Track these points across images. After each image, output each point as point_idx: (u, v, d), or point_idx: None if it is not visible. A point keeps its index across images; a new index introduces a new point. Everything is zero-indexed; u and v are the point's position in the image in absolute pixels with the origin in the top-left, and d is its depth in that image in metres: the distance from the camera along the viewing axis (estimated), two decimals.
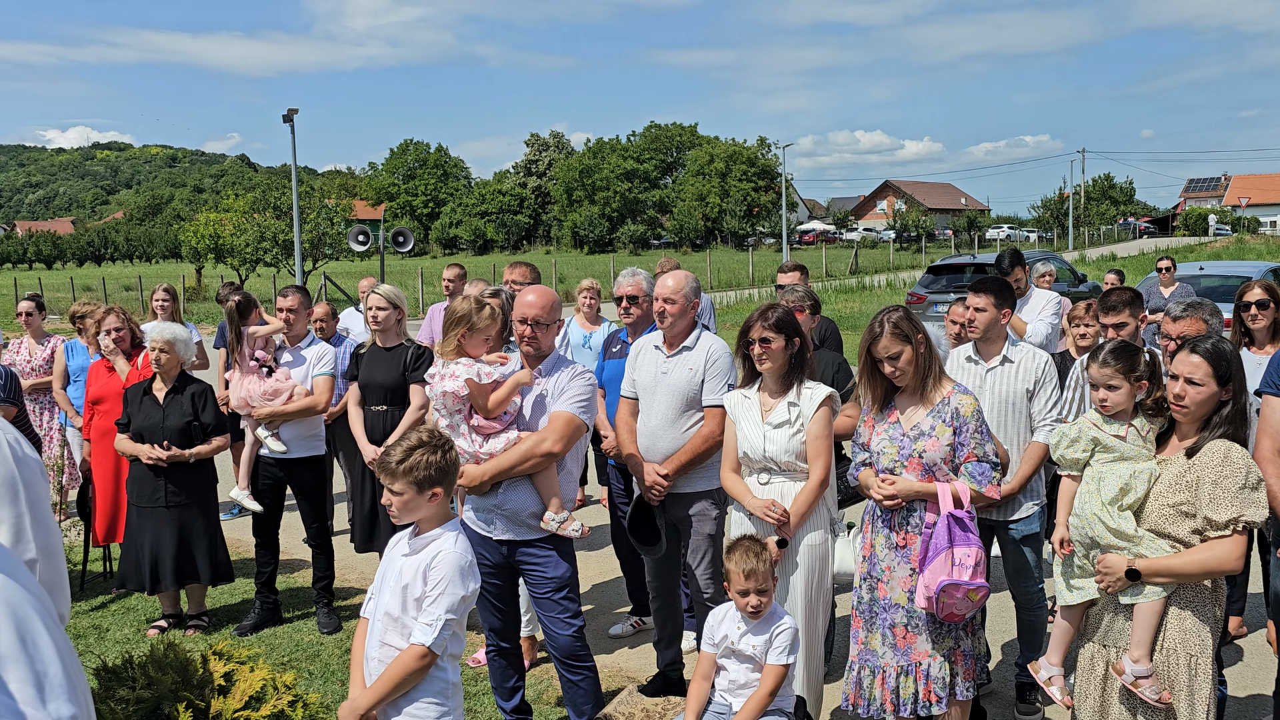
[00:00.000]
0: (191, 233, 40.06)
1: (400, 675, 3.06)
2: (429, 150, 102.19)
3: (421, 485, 3.12)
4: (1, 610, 1.20)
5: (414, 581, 3.12)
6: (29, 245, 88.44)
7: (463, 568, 3.14)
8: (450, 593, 3.08)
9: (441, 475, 3.17)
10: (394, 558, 3.28)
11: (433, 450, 3.16)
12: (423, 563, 3.14)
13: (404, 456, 3.12)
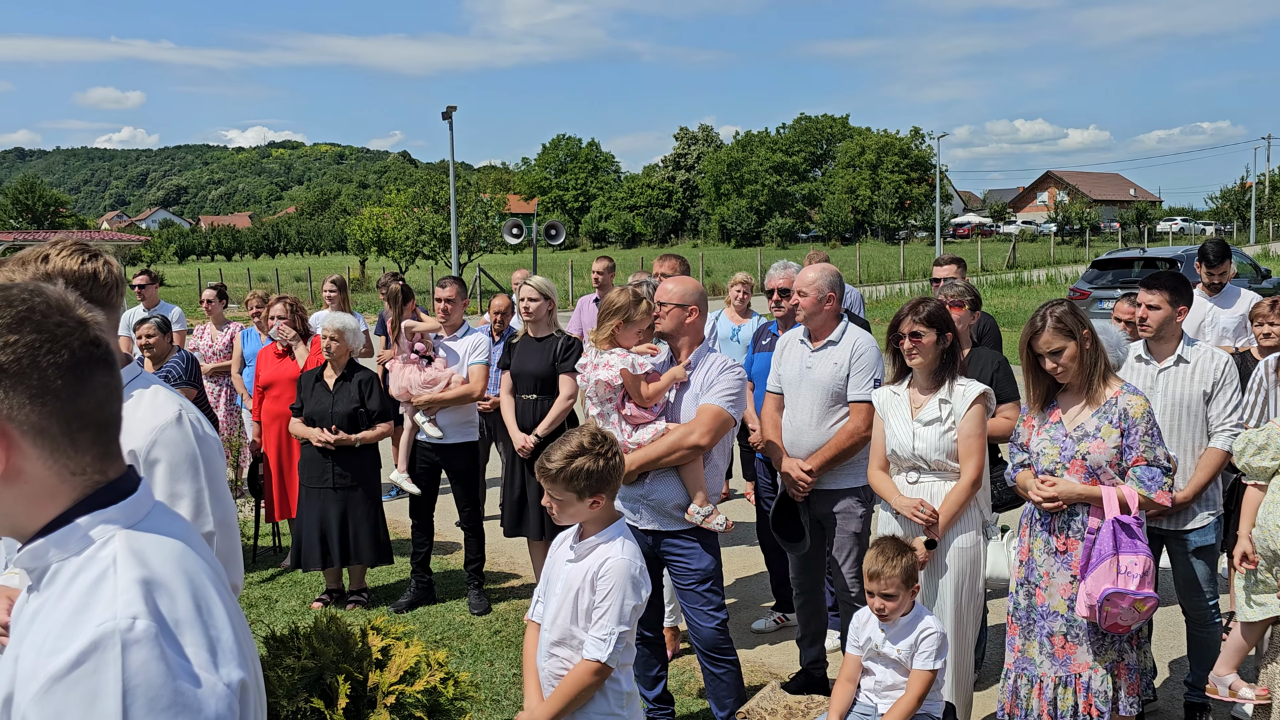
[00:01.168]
0: (356, 226, 41.90)
1: (575, 691, 2.99)
2: (580, 145, 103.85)
3: (581, 493, 2.99)
4: (180, 579, 1.27)
5: (582, 589, 3.02)
6: (211, 238, 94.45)
7: (633, 575, 3.01)
8: (621, 603, 2.97)
9: (602, 483, 3.02)
10: (558, 560, 3.19)
11: (594, 458, 3.00)
12: (590, 570, 3.03)
13: (564, 463, 2.99)
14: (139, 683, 1.13)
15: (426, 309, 6.52)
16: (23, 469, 1.24)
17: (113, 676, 1.13)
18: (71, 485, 1.27)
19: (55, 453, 1.25)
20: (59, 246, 2.12)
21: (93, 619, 1.16)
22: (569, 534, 3.20)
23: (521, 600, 6.34)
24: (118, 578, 1.21)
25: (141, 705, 1.13)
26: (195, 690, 1.18)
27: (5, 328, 1.22)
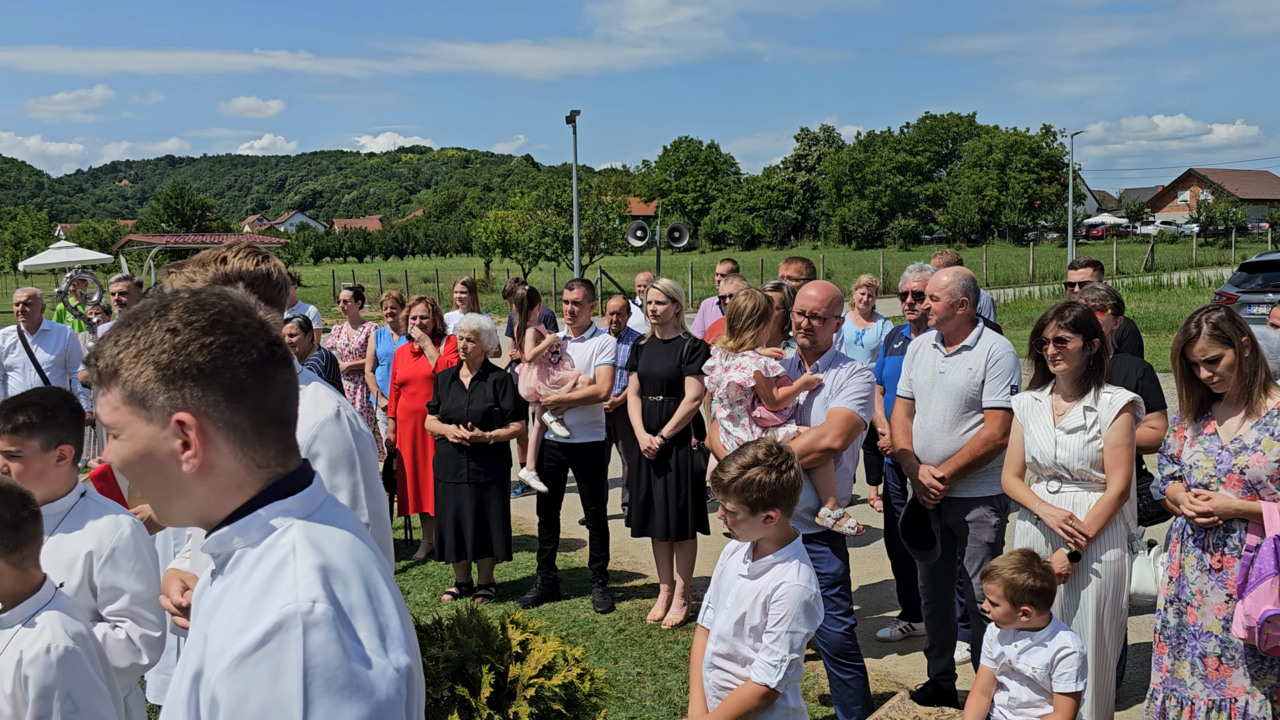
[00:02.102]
0: (482, 229, 42.90)
1: (740, 710, 2.94)
2: (700, 147, 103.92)
3: (754, 506, 2.91)
4: (353, 568, 1.34)
5: (752, 610, 2.96)
6: (344, 241, 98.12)
7: (808, 602, 2.94)
8: (795, 630, 2.91)
9: (776, 497, 2.93)
10: (729, 571, 3.13)
11: (768, 470, 2.92)
12: (763, 591, 2.96)
13: (738, 474, 2.92)
14: (318, 662, 1.20)
15: (554, 311, 6.63)
16: (215, 462, 1.32)
17: (295, 656, 1.19)
18: (256, 477, 1.35)
19: (244, 447, 1.33)
20: (234, 249, 2.25)
21: (276, 601, 1.24)
22: (741, 545, 3.14)
23: (644, 600, 6.39)
24: (297, 564, 1.28)
25: (320, 684, 1.19)
26: (367, 672, 1.23)
27: (201, 330, 1.31)
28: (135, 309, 1.36)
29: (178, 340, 1.30)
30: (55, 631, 2.28)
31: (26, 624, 2.30)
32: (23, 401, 2.73)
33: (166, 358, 1.29)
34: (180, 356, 1.29)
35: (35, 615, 2.32)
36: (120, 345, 1.32)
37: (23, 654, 2.26)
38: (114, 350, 1.32)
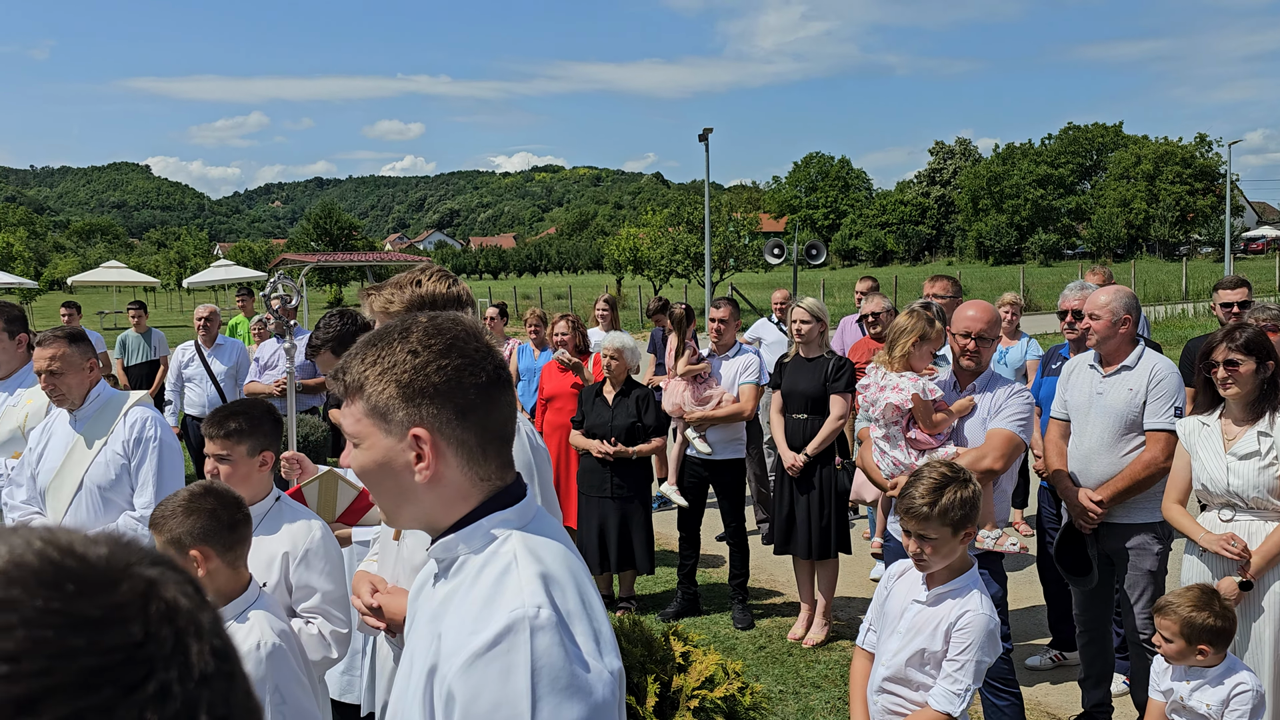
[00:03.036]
0: (614, 246, 43.44)
1: None
2: (831, 162, 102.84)
3: (957, 526, 2.86)
4: (567, 576, 1.44)
5: (931, 638, 2.91)
6: (480, 258, 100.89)
7: (991, 631, 2.88)
8: (978, 660, 2.85)
9: (974, 511, 2.88)
10: (899, 595, 3.10)
11: (961, 485, 2.89)
12: (943, 619, 2.91)
13: (933, 497, 2.86)
14: (544, 664, 1.29)
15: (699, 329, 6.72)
16: (444, 474, 1.44)
17: (524, 657, 1.29)
18: (479, 490, 1.47)
19: (470, 461, 1.45)
20: (427, 273, 2.41)
21: (505, 606, 1.34)
22: (907, 565, 3.11)
23: (783, 618, 6.39)
24: (520, 571, 1.39)
25: (546, 683, 1.28)
26: (586, 675, 1.32)
27: (438, 353, 1.44)
28: (378, 330, 1.50)
29: (418, 361, 1.42)
30: (264, 629, 2.48)
31: (239, 620, 2.51)
32: (233, 410, 2.98)
33: (408, 377, 1.42)
34: (419, 376, 1.42)
35: (245, 612, 2.53)
36: (366, 363, 1.45)
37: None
38: (360, 367, 1.45)
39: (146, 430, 3.81)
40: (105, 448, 3.79)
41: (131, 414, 3.85)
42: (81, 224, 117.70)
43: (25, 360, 4.46)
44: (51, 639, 0.52)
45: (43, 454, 3.90)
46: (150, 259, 78.51)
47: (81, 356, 3.82)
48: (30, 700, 0.50)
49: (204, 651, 0.58)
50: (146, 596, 0.57)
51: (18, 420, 4.30)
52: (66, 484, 3.79)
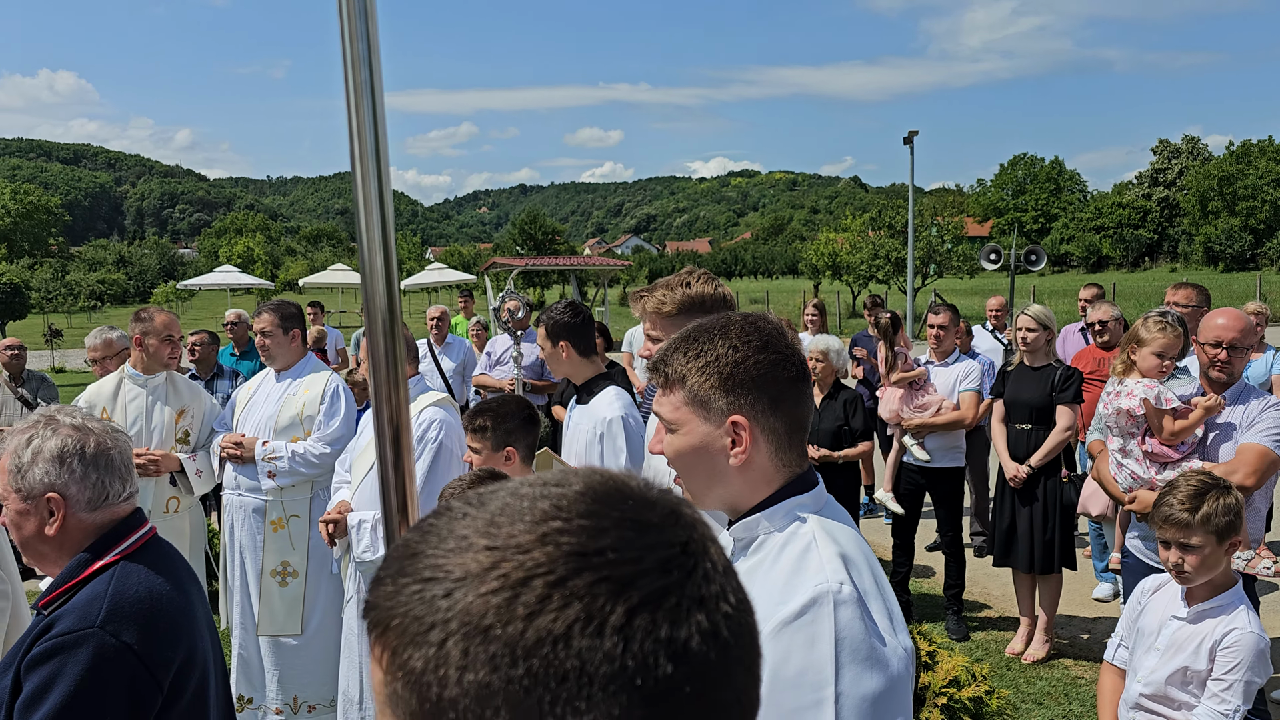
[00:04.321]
0: (812, 251, 43.08)
1: None
2: (1041, 163, 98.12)
3: (1221, 535, 2.77)
4: (861, 558, 1.53)
5: (1195, 656, 2.82)
6: (676, 263, 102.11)
7: (1262, 651, 2.78)
8: (1248, 680, 2.76)
9: (1238, 520, 2.77)
10: (1154, 611, 3.01)
11: (1223, 491, 2.80)
12: (1207, 637, 2.82)
13: (1194, 503, 2.76)
14: (846, 635, 1.40)
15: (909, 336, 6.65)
16: (754, 459, 1.58)
17: (827, 627, 1.40)
18: (781, 475, 1.60)
19: (778, 448, 1.58)
20: (694, 275, 2.57)
21: (809, 580, 1.46)
22: (1163, 581, 3.01)
23: (998, 632, 6.24)
24: (820, 550, 1.50)
25: (847, 653, 1.39)
26: (883, 649, 1.42)
27: (756, 348, 1.58)
28: (695, 326, 1.65)
29: (738, 356, 1.57)
30: None
31: None
32: (483, 407, 3.25)
33: (729, 369, 1.56)
34: (740, 369, 1.56)
35: None
36: (688, 356, 1.60)
37: None
38: (682, 360, 1.60)
39: (430, 431, 4.09)
40: None
41: (424, 414, 4.15)
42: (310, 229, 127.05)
43: (302, 354, 4.94)
44: (633, 537, 0.69)
45: (361, 432, 4.39)
46: None
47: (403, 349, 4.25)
48: (628, 581, 0.66)
49: (718, 550, 0.74)
50: (676, 510, 0.73)
51: (296, 408, 4.78)
52: (363, 464, 4.22)
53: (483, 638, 0.64)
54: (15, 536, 2.05)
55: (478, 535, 0.69)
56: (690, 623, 0.67)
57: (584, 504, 0.70)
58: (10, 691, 1.90)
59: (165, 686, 1.98)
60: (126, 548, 2.07)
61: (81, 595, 1.97)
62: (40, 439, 2.03)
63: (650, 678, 0.64)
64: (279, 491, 4.72)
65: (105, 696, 1.88)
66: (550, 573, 0.65)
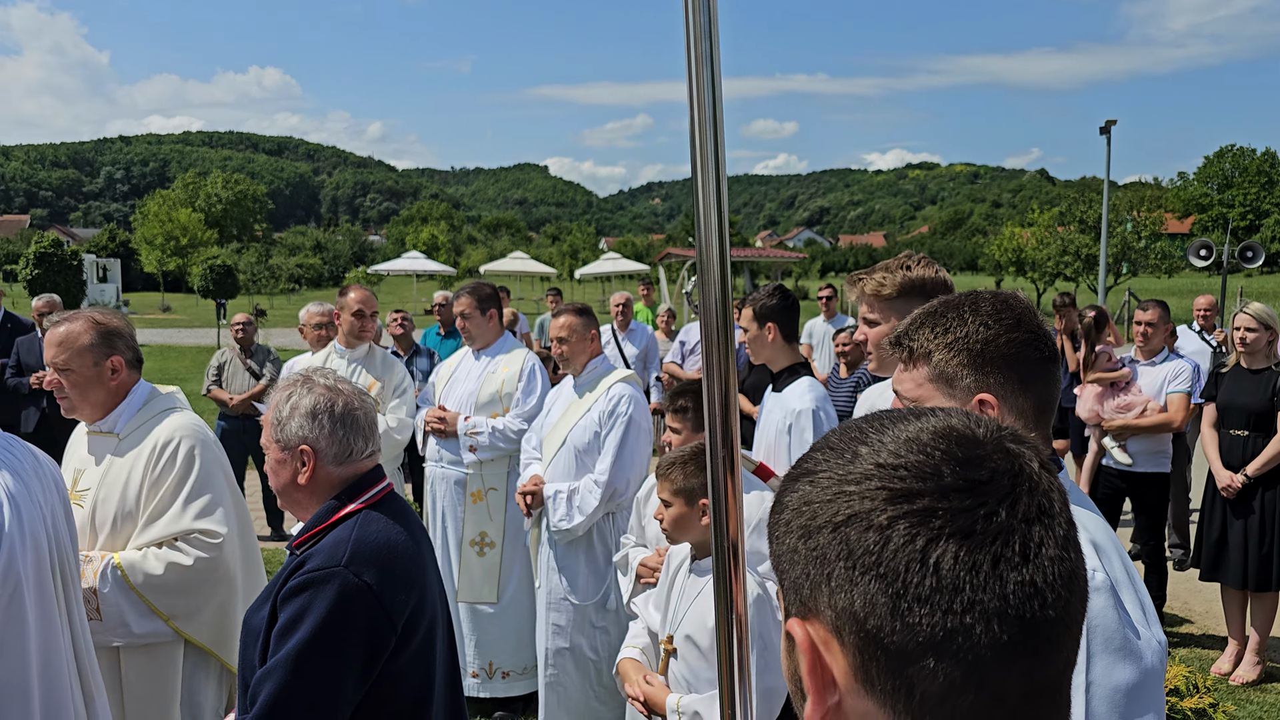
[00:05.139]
0: (995, 246, 41.49)
1: None
2: (1252, 155, 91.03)
3: None
4: (1111, 546, 1.47)
5: None
6: (849, 256, 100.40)
7: None
8: None
9: None
10: None
11: None
12: None
13: None
14: (1099, 623, 1.35)
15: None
16: None
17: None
18: None
19: (1025, 428, 1.49)
20: (914, 259, 2.55)
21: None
22: None
23: (1201, 650, 5.88)
24: None
25: (1100, 642, 1.35)
26: (1137, 641, 1.37)
27: (1008, 327, 1.55)
28: (941, 302, 1.62)
29: (989, 333, 1.54)
30: (750, 583, 2.74)
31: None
32: (684, 389, 3.32)
33: (979, 346, 1.54)
34: (990, 347, 1.53)
35: None
36: (935, 332, 1.58)
37: None
38: (929, 335, 1.58)
39: (621, 406, 4.31)
40: (588, 414, 4.36)
41: (614, 389, 4.37)
42: (490, 219, 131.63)
43: (499, 333, 5.18)
44: (946, 473, 0.74)
45: (550, 409, 4.58)
46: (545, 250, 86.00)
47: (585, 329, 4.45)
48: (911, 495, 0.73)
49: (1031, 500, 0.75)
50: (1000, 444, 0.77)
51: (496, 385, 5.01)
52: (555, 439, 4.42)
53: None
54: (274, 483, 2.28)
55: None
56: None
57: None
58: (268, 620, 2.11)
59: (399, 628, 2.14)
60: (368, 499, 2.25)
61: (329, 538, 2.16)
62: (297, 396, 2.24)
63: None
64: (479, 465, 4.95)
65: (348, 629, 2.06)
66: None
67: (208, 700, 3.13)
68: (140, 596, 2.89)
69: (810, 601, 0.76)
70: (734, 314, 6.32)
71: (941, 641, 0.69)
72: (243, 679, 2.17)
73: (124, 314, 3.40)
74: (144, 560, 2.91)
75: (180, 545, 2.95)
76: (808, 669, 0.75)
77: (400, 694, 2.16)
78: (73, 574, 2.48)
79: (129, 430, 3.06)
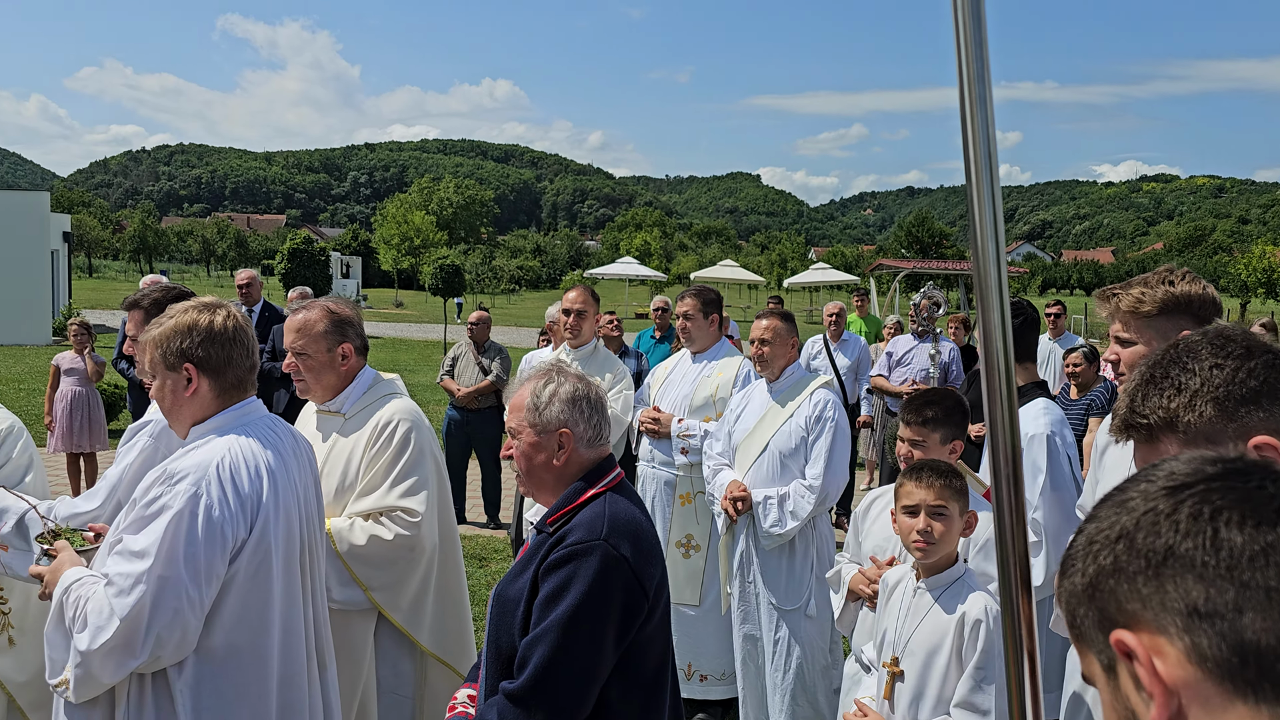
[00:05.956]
0: (1242, 265, 38.18)
1: None
2: None
3: None
4: None
5: None
6: (1072, 272, 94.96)
7: None
8: None
9: None
10: None
11: None
12: None
13: None
14: None
15: None
16: None
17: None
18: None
19: None
20: (1178, 274, 2.35)
21: None
22: None
23: None
24: None
25: None
26: None
27: (1240, 357, 1.41)
28: (1151, 366, 1.45)
29: (1226, 372, 1.38)
30: (987, 602, 2.64)
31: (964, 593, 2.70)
32: (930, 398, 3.21)
33: (1223, 391, 1.38)
34: (1236, 386, 1.38)
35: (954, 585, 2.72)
36: (1167, 396, 1.41)
37: (965, 614, 2.65)
38: (1163, 403, 1.41)
39: (827, 410, 4.32)
40: (790, 420, 4.35)
41: (816, 394, 4.38)
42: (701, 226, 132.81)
43: (717, 338, 5.22)
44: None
45: (740, 415, 4.58)
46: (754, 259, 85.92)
47: (788, 334, 4.47)
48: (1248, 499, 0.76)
49: None
50: None
51: (710, 389, 5.05)
52: (754, 445, 4.42)
53: None
54: (523, 465, 2.41)
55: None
56: None
57: None
58: (528, 592, 2.26)
59: (650, 596, 2.28)
60: (608, 482, 2.39)
61: (584, 514, 2.30)
62: (555, 383, 2.39)
63: None
64: (689, 468, 5.00)
65: (609, 596, 2.20)
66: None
67: (404, 671, 3.30)
68: (344, 564, 3.09)
69: (1144, 611, 0.78)
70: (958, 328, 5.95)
71: None
72: (495, 647, 2.32)
73: (355, 303, 3.65)
74: (350, 530, 3.12)
75: (383, 520, 3.14)
76: (1149, 677, 0.77)
77: (646, 661, 2.30)
78: (318, 549, 2.68)
79: (354, 411, 3.29)
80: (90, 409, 8.95)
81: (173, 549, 2.23)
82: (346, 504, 3.19)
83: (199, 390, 2.47)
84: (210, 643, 2.33)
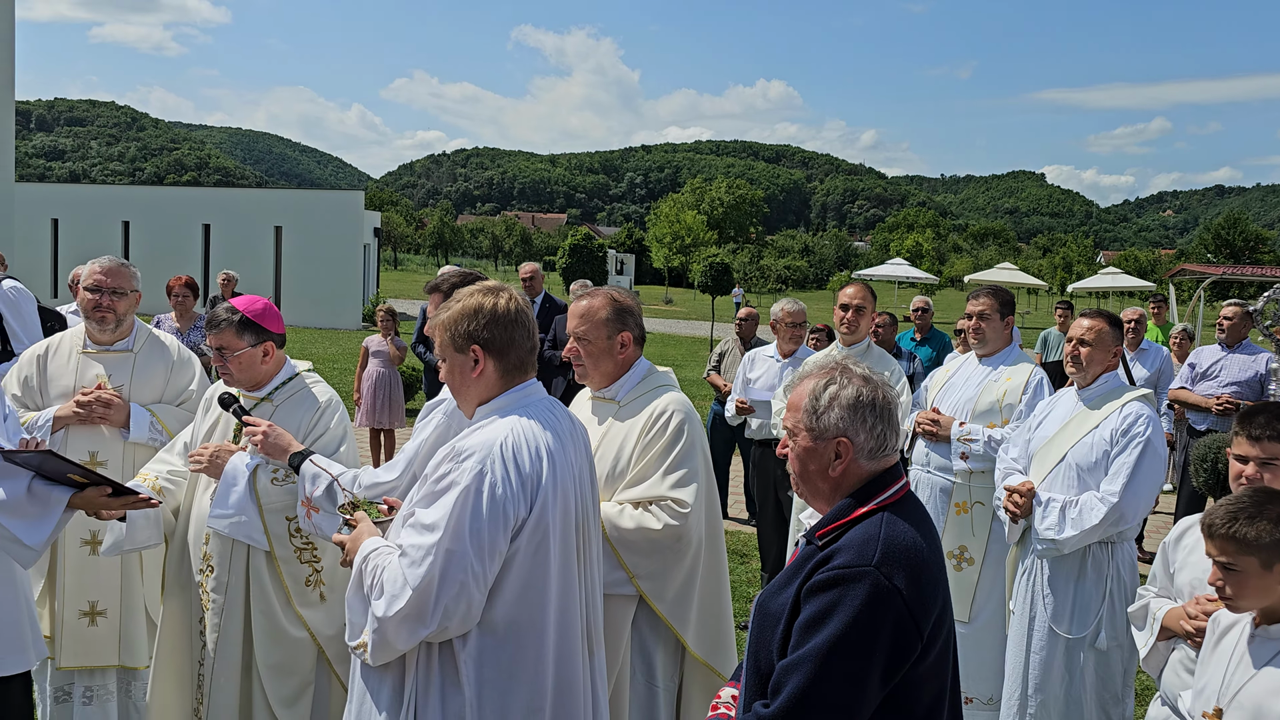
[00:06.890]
0: None
1: None
2: None
3: None
4: None
5: None
6: None
7: None
8: None
9: None
10: None
11: None
12: None
13: None
14: None
15: None
16: None
17: None
18: None
19: None
20: None
21: None
22: None
23: None
24: None
25: None
26: None
27: None
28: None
29: None
30: None
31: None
32: (1270, 409, 2.86)
33: None
34: None
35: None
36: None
37: None
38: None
39: (1138, 425, 3.91)
40: (1095, 431, 3.99)
41: (1129, 406, 3.99)
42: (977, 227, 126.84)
43: (1009, 341, 4.94)
44: None
45: (1042, 422, 4.28)
46: (1035, 262, 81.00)
47: (1113, 340, 4.12)
48: None
49: None
50: None
51: (997, 394, 4.76)
52: (1052, 454, 4.10)
53: None
54: (796, 469, 2.27)
55: None
56: None
57: None
58: (790, 610, 2.10)
59: (925, 635, 2.05)
60: (888, 497, 2.17)
61: (855, 534, 2.10)
62: (837, 386, 2.19)
63: None
64: (968, 475, 4.74)
65: (876, 631, 1.99)
66: None
67: (658, 662, 3.30)
68: (612, 548, 3.13)
69: None
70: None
71: None
72: (754, 659, 2.19)
73: (635, 295, 3.70)
74: (620, 515, 3.15)
75: (653, 509, 3.16)
76: None
77: (915, 702, 2.09)
78: (593, 532, 2.72)
79: (629, 399, 3.34)
80: (391, 389, 9.75)
81: (459, 524, 2.31)
82: (616, 490, 3.24)
83: (485, 371, 2.55)
84: (492, 616, 2.40)
